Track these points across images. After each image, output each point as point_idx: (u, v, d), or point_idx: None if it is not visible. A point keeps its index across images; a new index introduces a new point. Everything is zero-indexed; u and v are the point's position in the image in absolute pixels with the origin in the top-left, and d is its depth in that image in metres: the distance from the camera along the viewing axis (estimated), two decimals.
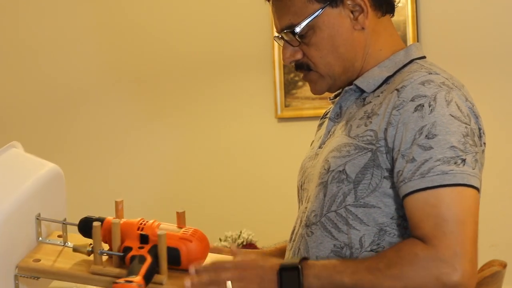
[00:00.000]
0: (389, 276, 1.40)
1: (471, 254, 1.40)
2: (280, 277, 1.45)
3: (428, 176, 1.43)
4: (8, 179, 1.57)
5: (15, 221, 1.53)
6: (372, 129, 1.53)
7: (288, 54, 1.65)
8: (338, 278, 1.43)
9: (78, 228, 1.59)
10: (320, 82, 1.67)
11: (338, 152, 1.56)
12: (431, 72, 1.55)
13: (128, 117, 3.86)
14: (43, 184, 1.62)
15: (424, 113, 1.48)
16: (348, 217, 1.53)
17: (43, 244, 1.61)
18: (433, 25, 3.28)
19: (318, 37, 1.61)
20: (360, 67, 1.64)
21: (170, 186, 3.77)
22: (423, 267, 1.39)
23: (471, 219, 1.42)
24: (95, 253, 1.51)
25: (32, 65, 3.98)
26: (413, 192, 1.44)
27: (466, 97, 1.54)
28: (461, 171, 1.43)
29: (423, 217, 1.42)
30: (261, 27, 3.57)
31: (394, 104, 1.52)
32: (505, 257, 2.41)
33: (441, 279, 1.37)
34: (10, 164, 1.61)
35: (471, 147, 1.47)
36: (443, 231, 1.40)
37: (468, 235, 1.41)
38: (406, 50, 1.66)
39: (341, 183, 1.54)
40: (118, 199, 1.59)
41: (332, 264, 1.46)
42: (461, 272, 1.37)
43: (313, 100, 3.46)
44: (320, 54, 1.62)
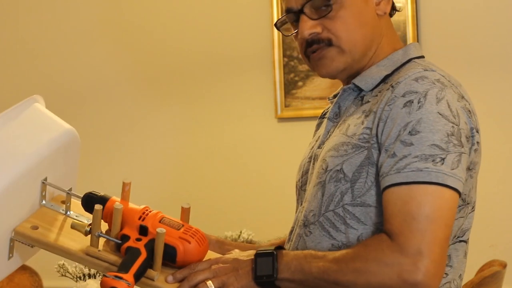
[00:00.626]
0: (352, 269, 1.41)
1: (436, 254, 1.38)
2: (255, 263, 1.47)
3: (403, 171, 1.43)
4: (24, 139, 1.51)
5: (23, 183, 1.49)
6: (368, 127, 1.53)
7: (309, 26, 1.60)
8: (307, 267, 1.45)
9: (81, 203, 1.56)
10: (338, 59, 1.62)
11: (335, 152, 1.56)
12: (427, 68, 1.54)
13: (128, 116, 3.86)
14: (57, 148, 1.56)
15: (412, 109, 1.47)
16: (345, 216, 1.52)
17: (45, 208, 1.57)
18: (433, 25, 3.28)
19: (346, 11, 1.59)
20: (372, 55, 1.63)
21: (170, 186, 3.77)
22: (386, 263, 1.39)
23: (441, 220, 1.41)
24: (92, 235, 1.49)
25: (33, 64, 3.98)
26: (389, 187, 1.44)
27: (462, 96, 1.53)
28: (437, 170, 1.42)
29: (394, 213, 1.42)
30: (261, 27, 3.57)
31: (387, 99, 1.52)
32: (505, 257, 2.42)
33: (402, 277, 1.37)
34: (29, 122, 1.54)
35: (455, 147, 1.45)
36: (410, 229, 1.39)
37: (436, 235, 1.39)
38: (404, 50, 1.65)
39: (339, 182, 1.53)
40: (126, 181, 1.57)
41: (304, 254, 1.47)
42: (424, 271, 1.37)
43: (313, 100, 3.46)
44: (347, 27, 1.59)
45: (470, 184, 1.54)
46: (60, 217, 1.57)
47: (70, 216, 1.57)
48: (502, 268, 2.22)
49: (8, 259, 1.52)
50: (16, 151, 1.48)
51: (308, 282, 1.45)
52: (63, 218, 1.57)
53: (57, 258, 2.56)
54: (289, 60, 3.46)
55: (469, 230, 1.58)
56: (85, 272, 2.38)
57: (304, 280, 1.45)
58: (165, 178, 3.80)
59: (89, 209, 1.55)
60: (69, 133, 1.59)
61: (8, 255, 1.52)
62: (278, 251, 1.48)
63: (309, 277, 1.45)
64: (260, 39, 3.57)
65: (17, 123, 1.52)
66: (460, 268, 1.57)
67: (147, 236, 1.49)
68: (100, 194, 1.56)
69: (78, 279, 2.38)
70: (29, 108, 1.56)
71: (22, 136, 1.51)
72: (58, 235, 1.52)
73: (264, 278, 1.46)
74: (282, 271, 1.46)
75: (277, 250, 1.48)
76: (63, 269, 2.40)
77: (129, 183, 1.57)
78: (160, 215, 1.54)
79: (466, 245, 1.58)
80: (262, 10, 3.55)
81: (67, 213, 1.58)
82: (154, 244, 1.47)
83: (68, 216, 1.57)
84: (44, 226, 1.53)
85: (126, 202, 1.55)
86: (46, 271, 2.74)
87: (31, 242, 1.51)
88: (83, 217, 1.58)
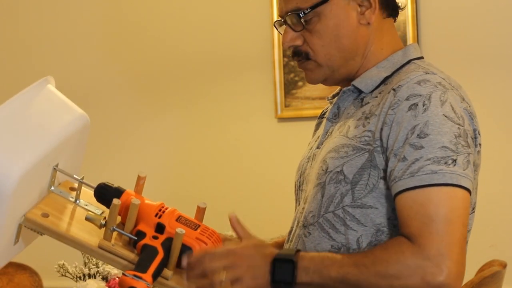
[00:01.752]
0: (374, 273, 1.41)
1: (457, 255, 1.39)
2: (273, 268, 1.45)
3: (417, 175, 1.43)
4: (40, 124, 1.47)
5: (39, 169, 1.46)
6: (370, 129, 1.53)
7: (289, 38, 1.64)
8: (326, 272, 1.44)
9: (94, 193, 1.53)
10: (317, 71, 1.65)
11: (336, 153, 1.56)
12: (428, 72, 1.55)
13: (127, 116, 3.86)
14: (71, 134, 1.54)
15: (418, 112, 1.47)
16: (345, 217, 1.53)
17: (54, 194, 1.54)
18: (433, 25, 3.28)
19: (322, 24, 1.60)
20: (360, 63, 1.64)
21: (169, 185, 3.77)
22: (409, 266, 1.39)
23: (459, 219, 1.42)
24: (107, 228, 1.46)
25: (33, 65, 3.98)
26: (403, 191, 1.44)
27: (463, 98, 1.54)
28: (451, 171, 1.43)
29: (411, 216, 1.42)
30: (261, 27, 3.57)
31: (390, 103, 1.52)
32: (505, 257, 2.41)
33: (426, 279, 1.38)
34: (44, 105, 1.51)
35: (463, 148, 1.46)
36: (429, 231, 1.40)
37: (455, 235, 1.40)
38: (404, 51, 1.66)
39: (339, 184, 1.53)
40: (142, 174, 1.56)
41: (321, 258, 1.46)
42: (446, 272, 1.37)
43: (313, 100, 3.46)
44: (322, 42, 1.61)
45: (473, 185, 1.54)
46: (69, 205, 1.54)
47: (79, 205, 1.55)
48: (502, 268, 2.22)
49: (14, 244, 1.49)
50: (34, 136, 1.45)
51: (327, 286, 1.45)
52: (72, 206, 1.54)
53: (57, 258, 2.57)
54: (289, 60, 3.46)
55: (469, 231, 1.59)
56: (85, 272, 2.38)
57: (323, 284, 1.45)
58: (165, 178, 3.80)
59: (101, 200, 1.53)
60: (83, 118, 1.58)
61: (14, 240, 1.49)
62: (297, 255, 1.46)
63: (328, 281, 1.44)
64: (260, 39, 3.57)
65: (32, 106, 1.49)
66: None
67: (163, 234, 1.48)
68: (114, 185, 1.54)
69: (78, 279, 2.38)
70: (43, 90, 1.53)
71: (39, 120, 1.48)
72: (68, 224, 1.49)
73: (282, 284, 1.45)
74: (300, 276, 1.45)
75: (296, 254, 1.46)
76: (63, 269, 2.40)
77: (144, 176, 1.56)
78: (176, 213, 1.53)
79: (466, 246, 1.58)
80: (262, 10, 3.55)
81: (76, 201, 1.55)
82: (171, 243, 1.46)
83: (77, 204, 1.55)
84: (54, 214, 1.49)
85: (140, 196, 1.54)
86: (46, 271, 2.73)
87: (41, 230, 1.48)
88: (92, 206, 1.55)
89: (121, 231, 1.47)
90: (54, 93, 1.56)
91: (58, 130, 1.50)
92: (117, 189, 1.53)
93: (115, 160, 3.87)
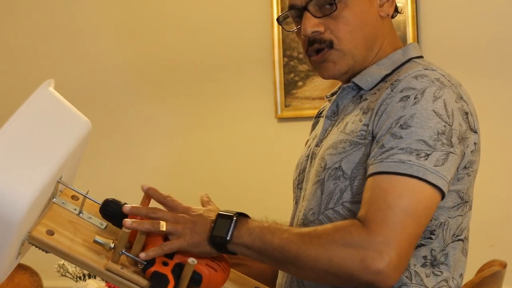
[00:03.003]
0: (317, 245, 1.40)
1: (402, 248, 1.37)
2: (214, 223, 1.45)
3: (386, 161, 1.42)
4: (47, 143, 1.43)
5: (45, 189, 1.42)
6: (366, 123, 1.53)
7: (312, 24, 1.59)
8: (269, 238, 1.43)
9: (100, 210, 1.51)
10: (340, 62, 1.62)
11: (334, 149, 1.56)
12: (427, 68, 1.54)
13: (128, 116, 3.86)
14: (77, 145, 1.51)
15: (407, 104, 1.47)
16: (345, 214, 1.52)
17: (56, 206, 1.51)
18: (433, 25, 3.28)
19: (349, 11, 1.59)
20: (374, 55, 1.63)
21: (169, 185, 3.77)
22: (351, 245, 1.37)
23: (415, 214, 1.40)
24: (116, 252, 1.44)
25: (35, 63, 3.98)
26: (372, 175, 1.44)
27: (461, 96, 1.53)
28: (419, 164, 1.41)
29: (371, 199, 1.41)
30: (261, 27, 3.57)
31: (386, 96, 1.52)
32: (505, 257, 2.41)
33: (365, 263, 1.36)
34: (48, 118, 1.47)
35: (443, 145, 1.44)
36: (383, 217, 1.38)
37: (406, 229, 1.38)
38: (404, 49, 1.66)
39: (338, 180, 1.53)
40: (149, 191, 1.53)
41: (268, 225, 1.46)
42: (387, 261, 1.35)
43: (313, 100, 3.46)
44: (349, 29, 1.59)
45: (468, 183, 1.54)
46: (72, 217, 1.52)
47: (82, 217, 1.53)
48: (502, 268, 2.22)
49: (16, 258, 1.48)
50: (43, 156, 1.41)
51: (266, 252, 1.43)
52: (75, 218, 1.52)
53: (57, 258, 2.56)
54: (289, 60, 3.46)
55: (467, 229, 1.58)
56: (85, 272, 2.38)
57: (263, 250, 1.43)
58: (164, 177, 3.80)
59: (107, 217, 1.52)
60: (87, 126, 1.56)
61: (17, 255, 1.47)
62: (242, 217, 1.46)
63: (269, 247, 1.43)
64: (260, 39, 3.57)
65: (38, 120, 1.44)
66: (459, 266, 1.57)
67: (173, 259, 1.46)
68: (122, 203, 1.52)
69: (78, 279, 2.38)
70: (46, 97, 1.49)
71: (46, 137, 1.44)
72: (75, 242, 1.47)
73: (218, 239, 1.44)
74: (241, 236, 1.44)
75: (240, 215, 1.47)
76: (63, 269, 2.40)
77: None
78: None
79: (463, 243, 1.57)
80: (262, 10, 3.55)
81: (79, 214, 1.54)
82: (181, 269, 1.44)
83: (80, 217, 1.53)
84: (59, 231, 1.47)
85: None
86: (46, 271, 2.74)
87: (47, 249, 1.46)
88: (95, 219, 1.54)
89: (131, 256, 1.45)
90: (58, 99, 1.52)
91: (66, 146, 1.47)
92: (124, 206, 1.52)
93: (115, 159, 3.87)
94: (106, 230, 1.53)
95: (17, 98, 3.98)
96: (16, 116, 1.39)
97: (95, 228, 1.53)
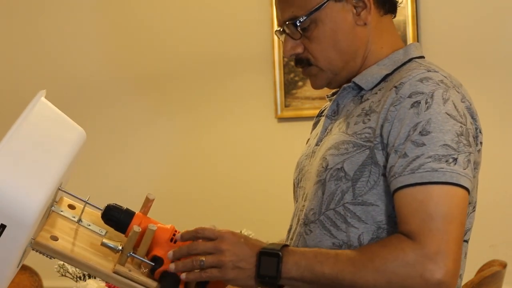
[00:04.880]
0: (372, 269, 1.40)
1: (455, 253, 1.39)
2: (259, 262, 1.45)
3: (418, 172, 1.43)
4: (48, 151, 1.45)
5: (50, 196, 1.44)
6: (370, 126, 1.53)
7: (289, 47, 1.64)
8: (319, 269, 1.43)
9: (102, 215, 1.52)
10: (320, 76, 1.66)
11: (336, 150, 1.56)
12: (430, 69, 1.55)
13: (127, 117, 3.86)
14: (75, 155, 1.53)
15: (420, 110, 1.47)
16: (346, 215, 1.52)
17: (55, 214, 1.53)
18: (433, 25, 3.28)
19: (320, 30, 1.61)
20: (361, 63, 1.64)
21: (169, 185, 3.77)
22: (408, 263, 1.38)
23: (457, 218, 1.42)
24: (123, 254, 1.46)
25: (33, 65, 3.98)
26: (403, 188, 1.44)
27: (464, 96, 1.54)
28: (451, 170, 1.43)
29: (411, 213, 1.42)
30: (261, 27, 3.57)
31: (392, 100, 1.52)
32: (505, 257, 2.42)
33: (425, 276, 1.37)
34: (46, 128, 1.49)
35: (465, 146, 1.46)
36: (429, 228, 1.40)
37: (453, 234, 1.40)
38: (405, 49, 1.66)
39: (339, 181, 1.53)
40: (151, 196, 1.54)
41: (313, 253, 1.45)
42: (445, 270, 1.37)
43: (313, 100, 3.46)
44: (321, 48, 1.62)
45: (473, 184, 1.54)
46: (71, 225, 1.54)
47: (82, 225, 1.55)
48: (502, 268, 2.22)
49: (18, 266, 1.48)
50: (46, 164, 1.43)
51: (319, 283, 1.44)
52: (75, 226, 1.54)
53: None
54: (289, 60, 3.46)
55: (470, 230, 1.59)
56: (85, 272, 2.38)
57: (314, 281, 1.44)
58: (165, 177, 3.80)
59: (109, 222, 1.52)
60: (82, 135, 1.58)
61: (19, 263, 1.47)
62: (284, 250, 1.45)
63: (321, 279, 1.43)
64: (260, 39, 3.57)
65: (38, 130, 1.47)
66: (460, 268, 1.57)
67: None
68: (124, 208, 1.53)
69: (78, 279, 2.38)
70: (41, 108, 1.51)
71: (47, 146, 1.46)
72: (79, 247, 1.48)
73: (267, 278, 1.44)
74: (289, 271, 1.44)
75: (283, 248, 1.46)
76: (63, 269, 2.40)
77: (153, 199, 1.54)
78: None
79: (466, 245, 1.59)
80: (262, 10, 3.56)
81: (79, 222, 1.55)
82: None
83: (80, 224, 1.55)
84: (62, 236, 1.48)
85: (149, 218, 1.53)
86: (46, 271, 2.73)
87: (52, 254, 1.46)
88: (95, 226, 1.55)
89: (140, 258, 1.46)
90: (54, 110, 1.55)
91: (66, 154, 1.49)
92: (127, 211, 1.52)
93: (116, 160, 3.87)
94: (106, 236, 1.54)
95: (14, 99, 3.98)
96: (17, 127, 1.41)
97: (95, 234, 1.54)
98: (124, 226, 1.50)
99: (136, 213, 1.53)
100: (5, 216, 1.32)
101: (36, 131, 1.46)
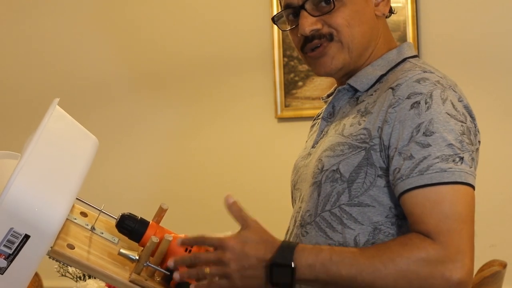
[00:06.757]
0: (391, 268, 1.40)
1: (471, 252, 1.41)
2: (271, 272, 1.43)
3: (427, 173, 1.44)
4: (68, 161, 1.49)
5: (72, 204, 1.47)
6: (366, 127, 1.53)
7: (309, 23, 1.60)
8: (335, 270, 1.42)
9: (116, 224, 1.54)
10: (338, 56, 1.62)
11: (331, 152, 1.56)
12: (426, 70, 1.55)
13: (127, 117, 3.86)
14: (90, 165, 1.56)
15: (421, 110, 1.48)
16: (342, 216, 1.53)
17: (68, 221, 1.55)
18: (433, 25, 3.28)
19: (346, 8, 1.60)
20: (368, 56, 1.64)
21: (169, 185, 3.77)
22: (429, 262, 1.39)
23: (470, 217, 1.44)
24: (140, 263, 1.47)
25: (33, 63, 3.98)
26: (412, 189, 1.44)
27: (460, 96, 1.55)
28: (460, 169, 1.44)
29: (426, 213, 1.43)
30: (261, 27, 3.57)
31: (390, 102, 1.52)
32: (505, 257, 2.41)
33: (445, 276, 1.38)
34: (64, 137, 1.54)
35: (468, 145, 1.48)
36: (447, 228, 1.41)
37: (469, 233, 1.42)
38: (398, 49, 1.66)
39: (335, 183, 1.53)
40: (164, 206, 1.56)
41: (328, 253, 1.43)
42: (466, 269, 1.39)
43: (313, 100, 3.46)
44: (347, 23, 1.60)
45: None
46: (85, 232, 1.56)
47: (95, 233, 1.57)
48: (502, 268, 2.22)
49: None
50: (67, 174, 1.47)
51: (336, 284, 1.43)
52: (89, 233, 1.56)
53: None
54: (289, 60, 3.46)
55: None
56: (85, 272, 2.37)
57: (331, 282, 1.43)
58: (165, 177, 3.80)
59: (124, 231, 1.54)
60: (96, 145, 1.61)
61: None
62: (296, 254, 1.43)
63: (338, 280, 1.42)
64: (260, 39, 3.57)
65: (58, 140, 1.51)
66: None
67: None
68: (138, 217, 1.54)
69: (78, 279, 2.38)
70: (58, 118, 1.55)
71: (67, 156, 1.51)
72: (94, 255, 1.50)
73: (281, 285, 1.43)
74: (303, 273, 1.43)
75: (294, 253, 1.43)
76: (63, 269, 2.40)
77: (166, 209, 1.56)
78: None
79: None
80: (262, 10, 3.56)
81: (92, 229, 1.57)
82: None
83: (93, 232, 1.57)
84: (78, 245, 1.50)
85: (162, 227, 1.54)
86: (46, 271, 2.73)
87: (69, 263, 1.48)
88: (107, 234, 1.57)
89: (156, 267, 1.47)
90: (68, 120, 1.59)
91: (83, 165, 1.52)
92: (141, 221, 1.53)
93: (114, 159, 3.87)
94: (119, 245, 1.56)
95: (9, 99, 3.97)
96: (37, 139, 1.45)
97: (108, 242, 1.56)
98: (139, 235, 1.52)
99: (150, 222, 1.54)
100: (30, 226, 1.37)
101: (55, 144, 1.49)
